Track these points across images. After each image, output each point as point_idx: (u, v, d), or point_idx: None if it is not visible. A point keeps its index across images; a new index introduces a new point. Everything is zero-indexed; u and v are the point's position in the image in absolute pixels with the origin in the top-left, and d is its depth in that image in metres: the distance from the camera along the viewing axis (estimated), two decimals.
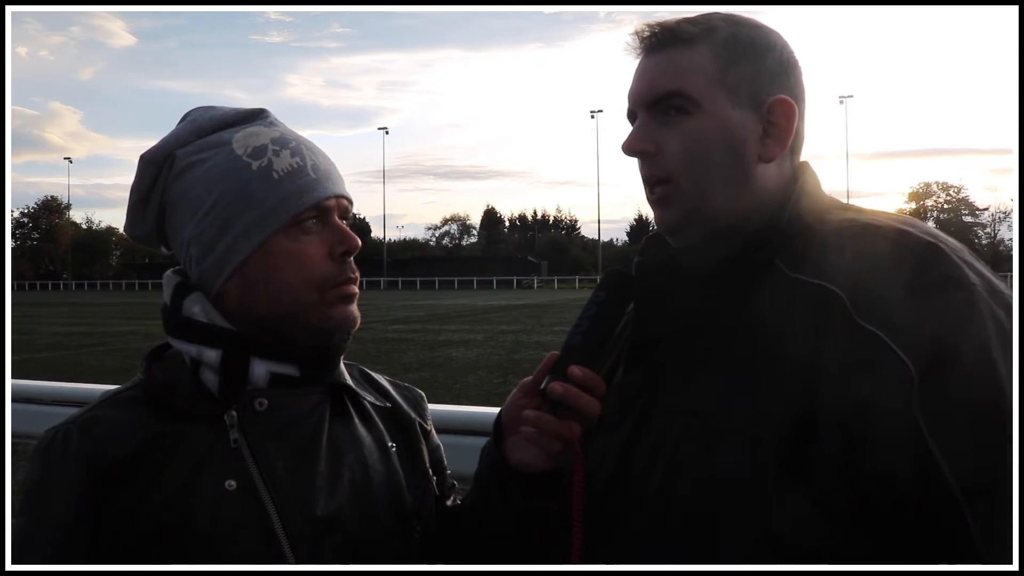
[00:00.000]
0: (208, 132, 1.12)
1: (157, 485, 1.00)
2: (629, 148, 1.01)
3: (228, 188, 1.06)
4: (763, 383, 0.89)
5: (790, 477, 0.84)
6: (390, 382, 1.30)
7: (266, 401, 1.07)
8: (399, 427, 1.23)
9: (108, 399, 1.08)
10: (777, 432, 0.86)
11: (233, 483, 1.01)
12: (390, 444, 1.19)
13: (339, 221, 1.10)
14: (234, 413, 1.05)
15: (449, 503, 1.26)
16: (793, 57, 1.03)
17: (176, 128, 1.14)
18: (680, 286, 1.02)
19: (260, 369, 1.07)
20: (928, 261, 0.87)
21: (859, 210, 1.00)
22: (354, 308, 1.11)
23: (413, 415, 1.26)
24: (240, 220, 1.06)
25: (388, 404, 1.23)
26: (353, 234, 1.10)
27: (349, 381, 1.18)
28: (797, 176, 1.03)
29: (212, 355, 1.06)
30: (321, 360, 1.12)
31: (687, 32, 1.00)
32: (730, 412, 0.90)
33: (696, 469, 0.90)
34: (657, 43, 1.01)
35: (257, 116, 1.16)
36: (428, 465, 1.24)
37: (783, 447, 0.85)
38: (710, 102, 0.98)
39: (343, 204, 1.11)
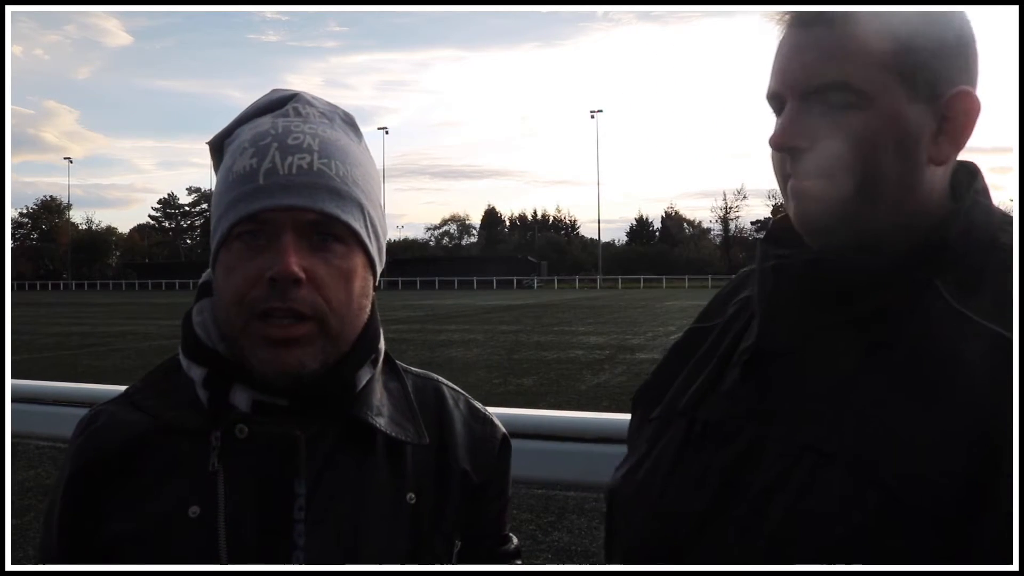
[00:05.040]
0: (242, 121, 1.01)
1: (127, 489, 0.95)
2: (779, 144, 0.86)
3: (216, 189, 0.99)
4: (921, 439, 0.75)
5: (950, 553, 0.72)
6: (468, 411, 1.11)
7: (246, 429, 0.94)
8: (438, 472, 1.04)
9: (120, 394, 1.04)
10: (935, 497, 0.72)
11: (197, 510, 0.92)
12: (409, 496, 1.00)
13: (289, 239, 0.90)
14: (219, 434, 0.94)
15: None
16: (971, 31, 0.85)
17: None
18: (817, 296, 0.86)
19: (242, 396, 0.95)
20: None
21: None
22: (285, 353, 0.91)
23: (464, 464, 1.05)
24: (213, 226, 0.98)
25: (425, 440, 1.03)
26: (289, 260, 0.89)
27: (371, 413, 0.99)
28: (964, 179, 0.88)
29: (197, 373, 0.97)
30: (311, 393, 0.96)
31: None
32: (876, 464, 0.76)
33: (826, 520, 0.77)
34: (816, 16, 0.84)
35: (280, 105, 1.00)
36: (454, 525, 1.05)
37: (942, 515, 0.72)
38: (882, 94, 0.82)
39: (306, 218, 0.91)
